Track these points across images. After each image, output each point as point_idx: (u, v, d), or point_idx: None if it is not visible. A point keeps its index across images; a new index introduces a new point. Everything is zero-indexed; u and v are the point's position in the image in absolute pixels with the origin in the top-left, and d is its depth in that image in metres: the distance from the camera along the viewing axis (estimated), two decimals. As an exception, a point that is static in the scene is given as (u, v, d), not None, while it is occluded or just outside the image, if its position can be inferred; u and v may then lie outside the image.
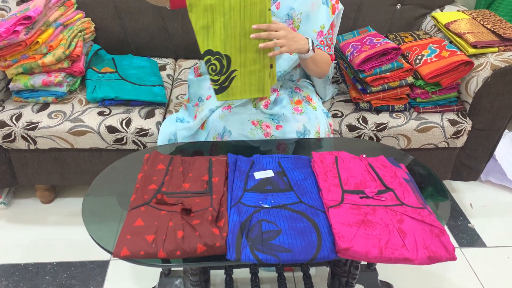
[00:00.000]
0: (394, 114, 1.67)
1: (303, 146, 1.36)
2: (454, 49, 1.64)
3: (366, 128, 1.64)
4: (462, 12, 1.90)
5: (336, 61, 1.99)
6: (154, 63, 1.94)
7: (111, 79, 1.72)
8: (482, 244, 1.76)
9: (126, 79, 1.73)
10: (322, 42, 1.47)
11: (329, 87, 1.75)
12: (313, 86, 1.70)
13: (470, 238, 1.78)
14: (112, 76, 1.74)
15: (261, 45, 1.19)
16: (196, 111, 1.49)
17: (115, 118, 1.59)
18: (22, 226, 1.77)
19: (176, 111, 1.68)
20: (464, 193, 2.04)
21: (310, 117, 1.44)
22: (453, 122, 1.66)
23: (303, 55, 1.32)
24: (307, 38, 1.31)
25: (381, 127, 1.64)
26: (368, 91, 1.63)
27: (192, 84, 1.65)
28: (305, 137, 1.41)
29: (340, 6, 1.51)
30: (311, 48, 1.30)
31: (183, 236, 0.92)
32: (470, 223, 1.86)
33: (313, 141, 1.39)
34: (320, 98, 1.69)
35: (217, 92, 1.26)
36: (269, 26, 1.18)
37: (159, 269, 1.40)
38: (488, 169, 2.05)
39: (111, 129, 1.58)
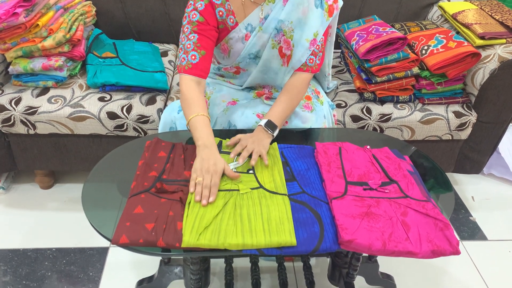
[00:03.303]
0: (398, 105, 1.65)
1: (306, 136, 1.34)
2: (461, 40, 1.61)
3: (370, 118, 1.62)
4: (470, 2, 1.87)
5: (340, 50, 1.96)
6: (156, 49, 1.92)
7: (112, 64, 1.69)
8: (483, 238, 1.75)
9: (127, 64, 1.71)
10: (312, 53, 1.31)
11: (330, 82, 1.72)
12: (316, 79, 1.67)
13: (471, 231, 1.77)
14: (113, 61, 1.72)
15: (236, 174, 1.07)
16: None
17: (116, 104, 1.57)
18: (21, 211, 1.76)
19: (178, 98, 1.66)
20: (466, 186, 2.03)
21: (318, 115, 1.40)
22: (458, 114, 1.64)
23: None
24: (266, 131, 1.20)
25: (385, 118, 1.62)
26: (373, 81, 1.61)
27: None
28: None
29: (340, 3, 1.33)
30: (274, 135, 1.22)
31: (183, 229, 0.90)
32: (471, 216, 1.86)
33: (316, 131, 1.37)
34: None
35: None
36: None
37: (159, 257, 1.40)
38: (490, 162, 2.04)
39: (112, 115, 1.56)
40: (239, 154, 1.13)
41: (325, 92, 1.70)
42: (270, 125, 1.22)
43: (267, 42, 1.31)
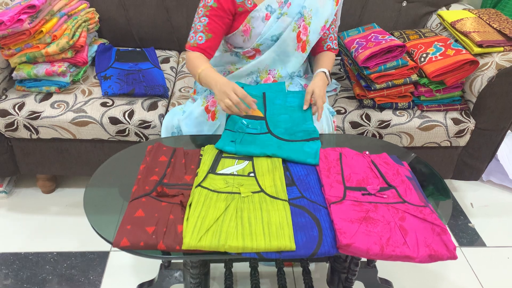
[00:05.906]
0: (397, 112, 1.67)
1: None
2: (460, 48, 1.63)
3: (369, 125, 1.63)
4: (468, 10, 1.89)
5: (340, 57, 1.98)
6: (302, 95, 1.42)
7: (257, 133, 1.25)
8: (482, 244, 1.75)
9: (273, 133, 1.26)
10: (325, 34, 1.51)
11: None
12: None
13: (470, 238, 1.78)
14: (258, 126, 1.28)
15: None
16: (208, 104, 1.47)
17: (118, 109, 1.59)
18: (23, 215, 1.77)
19: (179, 103, 1.68)
20: (465, 192, 2.04)
21: (316, 118, 1.42)
22: (456, 121, 1.66)
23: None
24: (324, 73, 1.44)
25: (384, 124, 1.63)
26: (372, 88, 1.62)
27: None
28: None
29: None
30: (329, 80, 1.47)
31: (184, 231, 0.91)
32: (470, 222, 1.86)
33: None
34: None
35: None
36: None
37: (159, 261, 1.41)
38: (489, 169, 2.05)
39: (114, 121, 1.57)
40: (239, 158, 1.15)
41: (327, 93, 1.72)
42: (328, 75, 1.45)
43: (289, 25, 1.41)
